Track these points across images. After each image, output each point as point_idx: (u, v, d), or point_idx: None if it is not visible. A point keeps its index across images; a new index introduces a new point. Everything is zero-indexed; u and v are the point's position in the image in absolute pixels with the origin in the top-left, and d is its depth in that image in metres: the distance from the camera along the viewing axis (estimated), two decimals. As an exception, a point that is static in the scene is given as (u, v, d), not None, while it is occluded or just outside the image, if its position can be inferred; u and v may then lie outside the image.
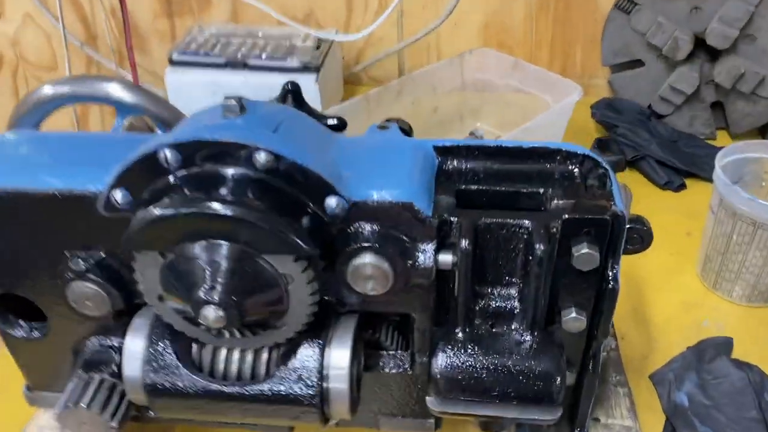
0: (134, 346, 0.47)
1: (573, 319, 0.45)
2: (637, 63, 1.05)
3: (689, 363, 0.65)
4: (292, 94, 0.54)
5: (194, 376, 0.46)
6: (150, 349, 0.46)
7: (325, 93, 1.02)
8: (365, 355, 0.51)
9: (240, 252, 0.41)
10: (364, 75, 1.26)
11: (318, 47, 1.03)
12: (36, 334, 0.53)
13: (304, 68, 0.99)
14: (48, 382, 0.56)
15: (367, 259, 0.42)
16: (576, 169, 0.46)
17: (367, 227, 0.43)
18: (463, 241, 0.42)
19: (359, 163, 0.44)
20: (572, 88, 0.94)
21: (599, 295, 0.45)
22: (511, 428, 0.55)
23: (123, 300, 0.47)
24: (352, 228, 0.43)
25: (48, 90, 0.59)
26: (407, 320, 0.52)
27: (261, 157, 0.40)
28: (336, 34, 1.03)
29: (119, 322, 0.50)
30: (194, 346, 0.47)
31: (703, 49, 0.99)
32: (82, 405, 0.48)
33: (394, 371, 0.51)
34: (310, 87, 0.98)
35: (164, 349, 0.46)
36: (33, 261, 0.47)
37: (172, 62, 1.02)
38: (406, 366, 0.50)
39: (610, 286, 0.44)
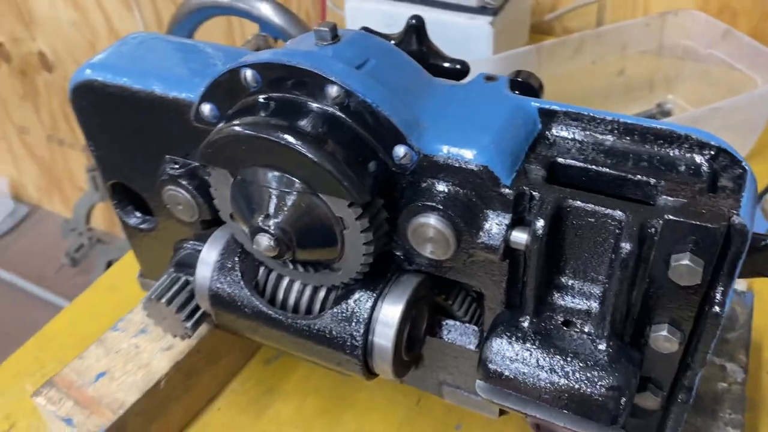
0: (209, 254, 0.48)
1: (663, 338, 0.38)
2: None
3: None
4: (416, 30, 0.50)
5: (251, 297, 0.46)
6: (221, 261, 0.47)
7: (500, 39, 0.95)
8: (433, 321, 0.48)
9: (297, 186, 0.39)
10: (558, 25, 1.16)
11: (503, -12, 0.96)
12: (145, 225, 0.57)
13: (482, 9, 0.93)
14: (156, 272, 0.61)
15: (429, 219, 0.39)
16: (705, 163, 0.37)
17: (436, 185, 0.39)
18: (539, 221, 0.36)
19: (444, 115, 0.40)
20: (790, 69, 0.78)
21: (699, 318, 0.37)
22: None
23: (209, 211, 0.49)
24: (423, 183, 0.40)
25: (195, 1, 0.61)
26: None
27: (332, 91, 0.38)
28: (525, -24, 0.96)
29: (207, 231, 0.51)
30: (261, 269, 0.47)
31: None
32: (163, 301, 0.51)
33: (458, 343, 0.47)
34: (483, 30, 0.93)
35: (233, 265, 0.47)
36: (141, 158, 0.50)
37: (354, -11, 1.01)
38: (472, 341, 0.47)
39: (713, 309, 0.36)
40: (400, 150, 0.38)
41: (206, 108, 0.43)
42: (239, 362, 0.66)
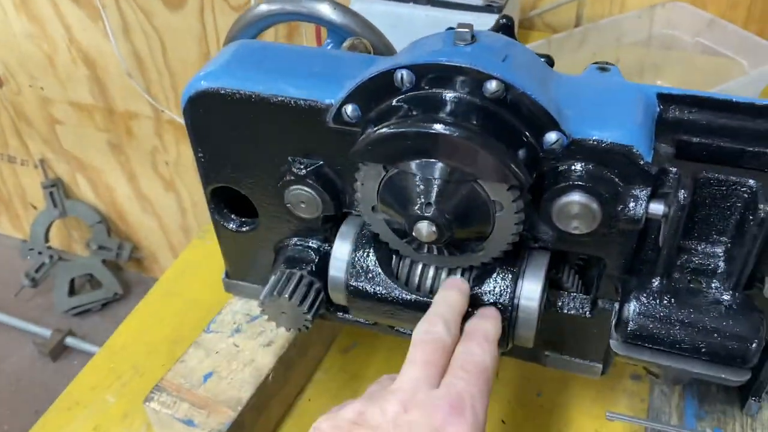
0: (342, 249, 0.51)
1: (778, 287, 0.44)
2: None
3: None
4: (506, 29, 0.54)
5: (392, 283, 0.49)
6: (355, 254, 0.50)
7: (503, 35, 1.01)
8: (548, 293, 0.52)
9: (458, 174, 0.43)
10: (539, 20, 1.24)
11: (503, -13, 1.01)
12: (245, 228, 0.58)
13: (488, 7, 0.99)
14: (245, 273, 0.62)
15: (576, 197, 0.43)
16: (809, 133, 0.44)
17: (578, 166, 0.44)
18: (682, 192, 0.42)
19: (581, 102, 0.44)
20: (775, 53, 0.87)
21: (811, 266, 0.44)
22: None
23: (333, 207, 0.51)
24: (563, 166, 0.44)
25: (263, 8, 0.63)
26: (590, 265, 0.53)
27: (492, 86, 0.42)
28: (522, -24, 1.02)
29: (323, 227, 0.54)
30: (393, 258, 0.51)
31: None
32: (285, 295, 0.53)
33: (572, 312, 0.52)
34: (490, 27, 0.98)
35: (368, 255, 0.50)
36: (258, 161, 0.52)
37: (360, -9, 1.04)
38: (587, 309, 0.51)
39: (827, 259, 0.43)
40: (551, 136, 0.43)
41: (349, 109, 0.46)
42: (321, 353, 0.69)
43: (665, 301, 0.45)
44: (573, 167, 0.44)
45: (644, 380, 0.66)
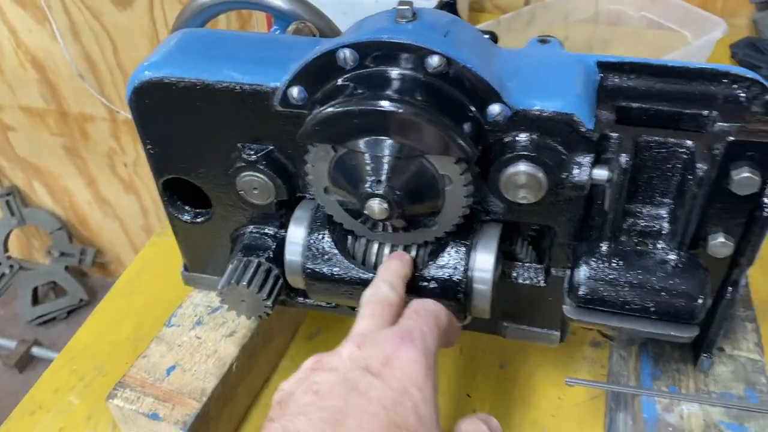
0: (296, 233, 0.51)
1: (720, 244, 0.46)
2: (789, 0, 0.98)
3: (821, 309, 0.64)
4: (449, 6, 0.55)
5: (349, 263, 0.49)
6: (310, 237, 0.50)
7: (453, 17, 1.02)
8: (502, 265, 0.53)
9: (406, 150, 0.43)
10: (489, 3, 1.25)
11: (450, -30, 1.02)
12: (200, 219, 0.58)
13: (436, -9, 0.99)
14: (204, 265, 0.62)
15: (522, 167, 0.44)
16: (742, 94, 0.45)
17: (523, 137, 0.44)
18: (623, 156, 0.43)
19: (522, 74, 0.45)
20: (716, 24, 0.90)
21: (750, 222, 0.45)
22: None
23: (286, 191, 0.51)
24: (508, 137, 0.45)
25: (212, -5, 0.62)
26: (542, 235, 0.54)
27: (434, 61, 0.42)
28: (469, -42, 1.02)
29: (277, 213, 0.54)
30: (349, 239, 0.51)
31: None
32: (243, 283, 0.53)
33: (527, 282, 0.53)
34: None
35: (323, 237, 0.50)
36: (207, 150, 0.52)
37: (307, -21, 1.04)
38: (541, 278, 0.52)
39: (765, 213, 0.44)
40: (495, 108, 0.43)
41: (295, 91, 0.46)
42: (286, 341, 0.69)
43: (614, 264, 0.46)
44: (518, 138, 0.45)
45: (604, 346, 0.67)
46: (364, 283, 0.50)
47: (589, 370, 0.66)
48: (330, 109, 0.43)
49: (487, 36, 0.54)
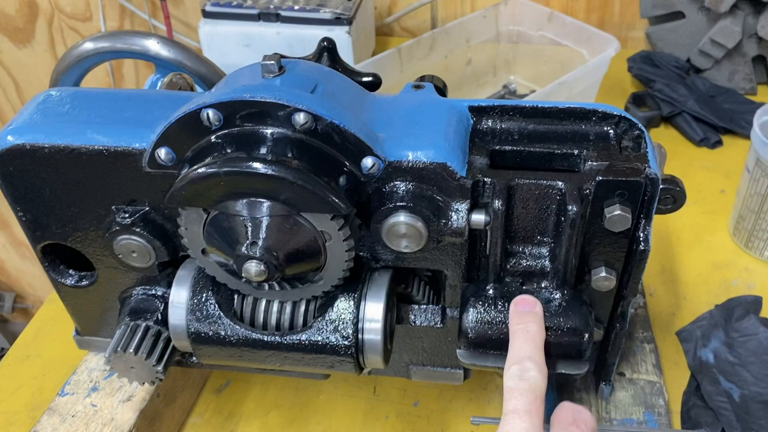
0: (179, 296, 0.49)
1: (603, 278, 0.46)
2: (677, 15, 1.02)
3: (717, 320, 0.66)
4: (328, 51, 0.54)
5: (235, 325, 0.48)
6: (194, 299, 0.49)
7: (357, 45, 1.02)
8: (397, 309, 0.52)
9: (280, 210, 0.42)
10: (397, 26, 1.25)
11: (351, -2, 1.02)
12: (84, 282, 0.55)
13: (337, 20, 0.99)
14: (96, 328, 0.59)
15: (401, 218, 0.44)
16: (611, 130, 0.46)
17: (401, 187, 0.44)
18: (497, 201, 0.43)
19: (394, 124, 0.45)
20: (609, 42, 0.92)
21: (629, 256, 0.46)
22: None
23: (167, 252, 0.49)
24: (387, 188, 0.44)
25: (89, 45, 0.60)
26: (439, 275, 0.53)
27: (300, 118, 0.41)
28: (369, -15, 1.02)
29: (163, 273, 0.52)
30: (235, 298, 0.49)
31: (746, 1, 0.96)
32: (131, 350, 0.51)
33: (425, 324, 0.52)
34: (342, 39, 0.98)
35: (207, 299, 0.48)
36: (81, 214, 0.49)
37: (206, 13, 1.02)
38: (437, 320, 0.52)
39: (641, 247, 0.45)
40: (368, 161, 0.43)
41: (162, 152, 0.44)
42: (192, 397, 0.67)
43: (500, 306, 0.46)
44: (395, 188, 0.44)
45: (515, 374, 0.67)
46: (254, 344, 0.48)
47: (501, 400, 0.65)
48: (196, 171, 0.41)
49: (369, 78, 0.54)
